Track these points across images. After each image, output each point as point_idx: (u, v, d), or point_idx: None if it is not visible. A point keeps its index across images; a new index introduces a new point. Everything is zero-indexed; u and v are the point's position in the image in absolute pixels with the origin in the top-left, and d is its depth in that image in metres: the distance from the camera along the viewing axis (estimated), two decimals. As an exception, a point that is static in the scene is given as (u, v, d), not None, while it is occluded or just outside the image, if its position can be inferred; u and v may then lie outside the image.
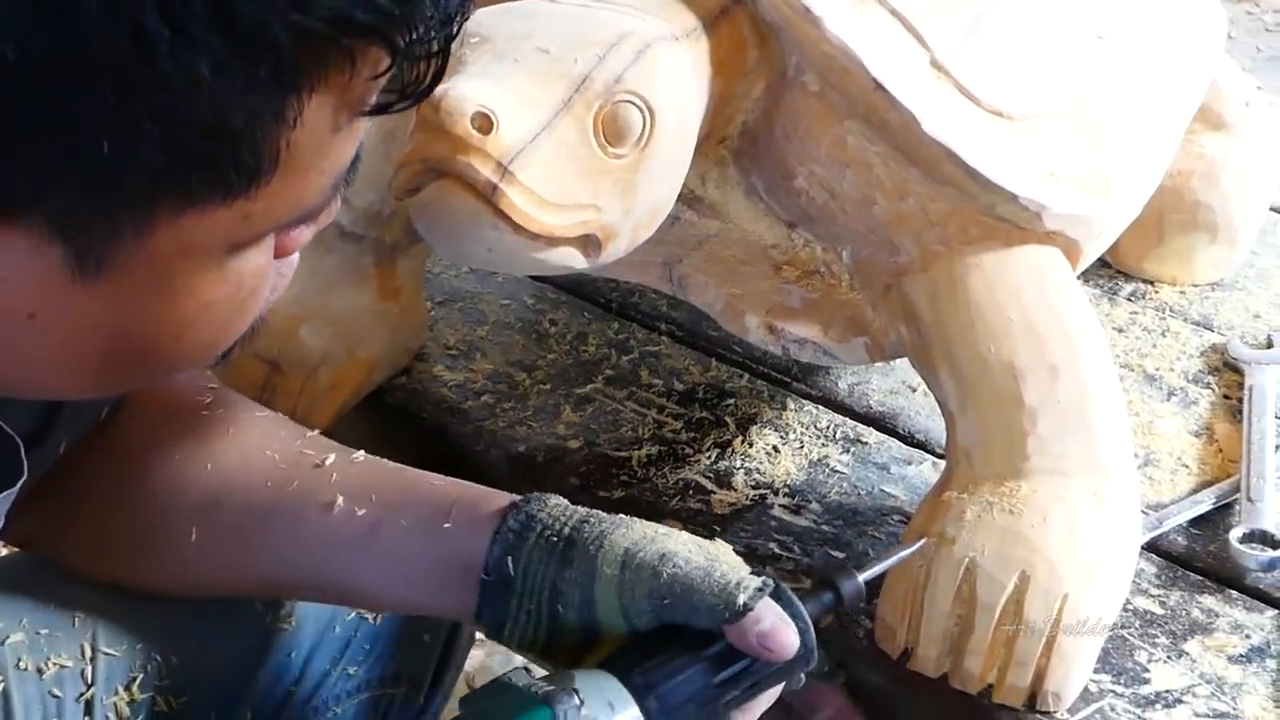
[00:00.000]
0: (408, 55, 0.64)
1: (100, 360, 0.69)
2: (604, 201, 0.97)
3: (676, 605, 0.83)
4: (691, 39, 1.02)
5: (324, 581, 0.95)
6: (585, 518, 0.88)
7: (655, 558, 0.84)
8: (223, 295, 0.69)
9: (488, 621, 0.89)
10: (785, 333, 1.14)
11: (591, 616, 0.86)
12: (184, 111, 0.58)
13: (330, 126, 0.65)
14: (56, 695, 0.98)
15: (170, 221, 0.63)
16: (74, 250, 0.62)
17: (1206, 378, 1.37)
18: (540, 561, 0.87)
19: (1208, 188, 1.46)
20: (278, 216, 0.67)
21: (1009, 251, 1.07)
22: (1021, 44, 1.10)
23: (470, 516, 0.90)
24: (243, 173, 0.62)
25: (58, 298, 0.64)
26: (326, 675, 1.08)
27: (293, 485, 0.93)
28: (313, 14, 0.59)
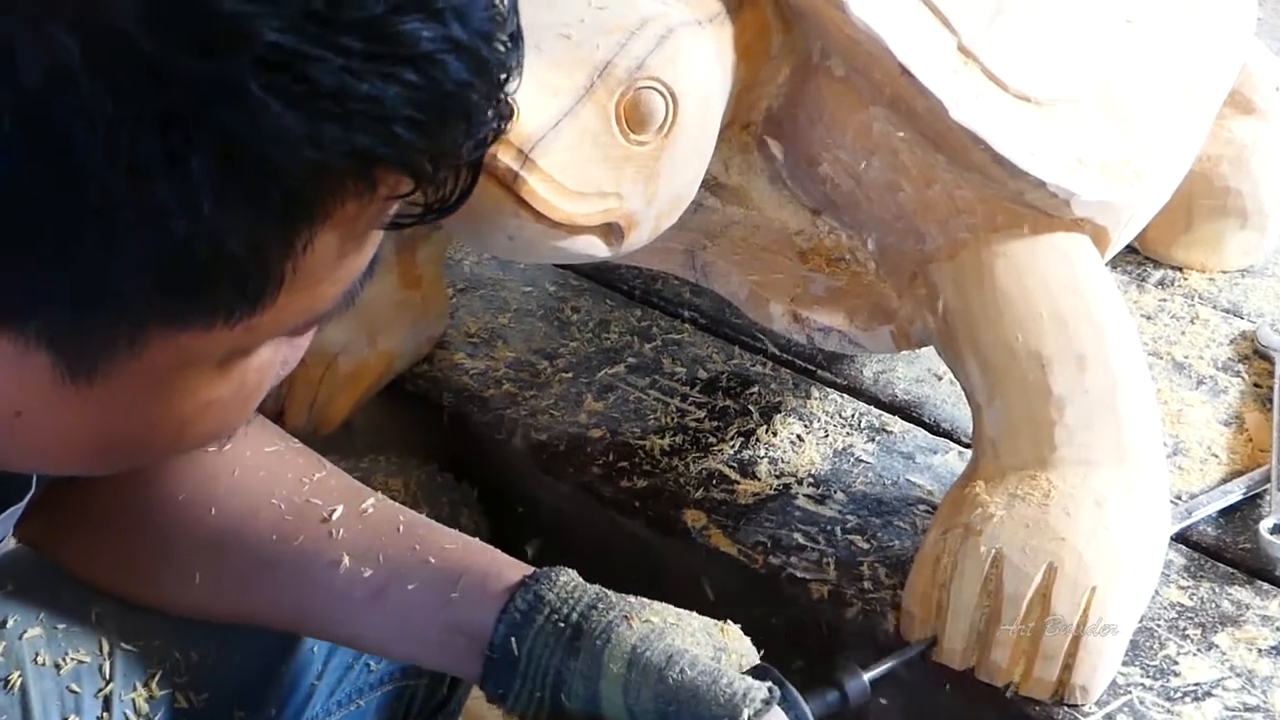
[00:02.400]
0: (433, 180, 0.62)
1: (94, 451, 0.68)
2: (626, 189, 0.96)
3: (682, 713, 0.83)
4: (715, 24, 1.01)
5: (331, 633, 0.95)
6: (594, 602, 0.87)
7: (662, 659, 0.84)
8: (225, 394, 0.67)
9: (491, 693, 0.88)
10: (810, 321, 1.13)
11: (597, 709, 0.85)
12: (181, 241, 0.56)
13: (342, 249, 0.62)
14: (75, 691, 0.97)
15: (167, 339, 0.61)
16: (64, 358, 0.60)
17: (1236, 365, 1.36)
18: (546, 646, 0.86)
19: (1237, 173, 1.44)
20: (285, 325, 0.65)
21: (1036, 239, 1.06)
22: (1049, 28, 1.09)
23: (478, 590, 0.89)
24: (244, 299, 0.60)
25: (46, 398, 0.62)
26: (349, 669, 1.08)
27: (298, 540, 0.92)
28: (328, 149, 0.56)
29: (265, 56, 0.53)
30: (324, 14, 0.54)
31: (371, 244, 0.64)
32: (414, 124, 0.57)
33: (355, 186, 0.58)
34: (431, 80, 0.57)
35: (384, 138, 0.57)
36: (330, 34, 0.54)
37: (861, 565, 1.10)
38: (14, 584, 0.95)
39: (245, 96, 0.53)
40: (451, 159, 0.61)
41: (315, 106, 0.55)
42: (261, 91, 0.53)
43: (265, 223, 0.57)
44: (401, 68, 0.56)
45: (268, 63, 0.53)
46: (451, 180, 0.63)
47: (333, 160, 0.56)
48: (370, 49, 0.55)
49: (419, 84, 0.57)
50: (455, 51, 0.58)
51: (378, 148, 0.57)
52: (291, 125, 0.54)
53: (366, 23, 0.55)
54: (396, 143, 0.57)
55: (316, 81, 0.54)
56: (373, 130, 0.56)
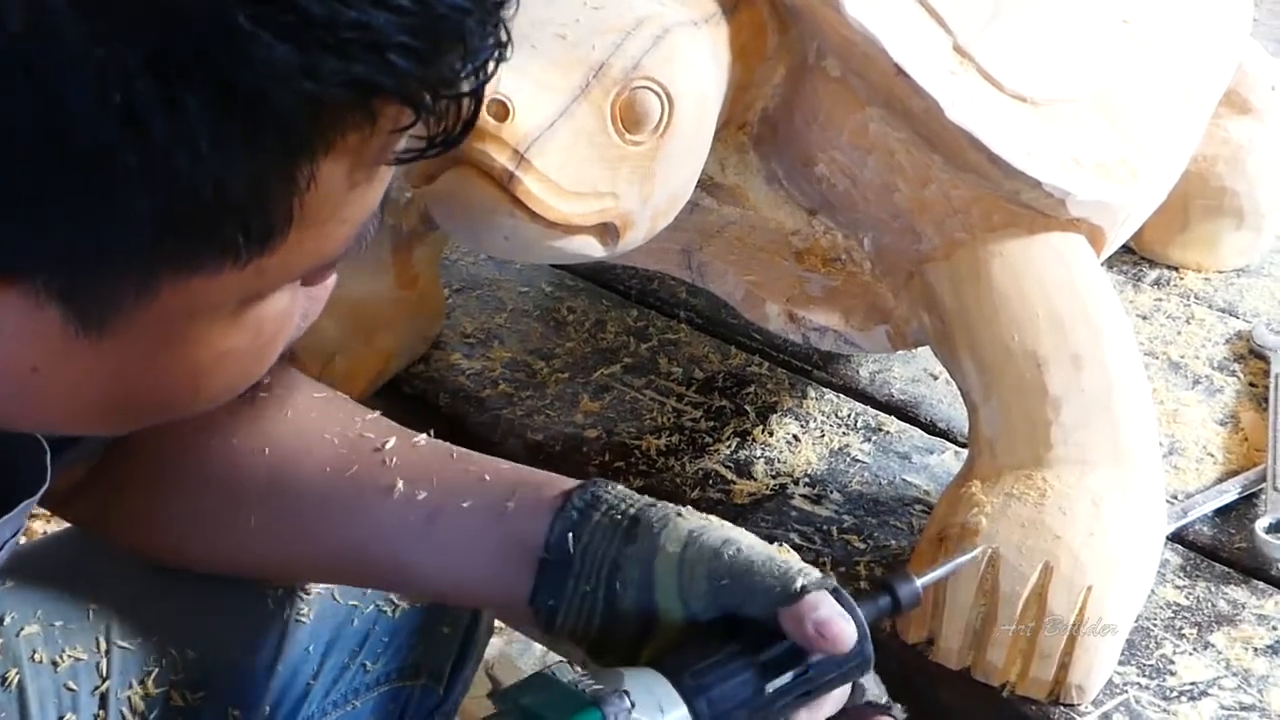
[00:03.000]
0: (433, 110, 0.61)
1: (110, 407, 0.67)
2: (622, 189, 0.96)
3: (734, 587, 0.81)
4: (711, 24, 1.01)
5: (380, 566, 0.94)
6: (651, 502, 0.87)
7: (718, 540, 0.83)
8: (240, 343, 0.66)
9: (542, 605, 0.87)
10: (806, 320, 1.13)
11: (649, 598, 0.84)
12: (182, 184, 0.55)
13: (348, 182, 0.61)
14: (71, 688, 0.97)
15: (176, 285, 0.60)
16: (75, 311, 0.59)
17: (1231, 365, 1.36)
18: (603, 539, 0.85)
19: (1233, 173, 1.45)
20: (296, 268, 0.64)
21: (1032, 239, 1.06)
22: (1045, 28, 1.09)
23: (534, 498, 0.88)
24: (251, 239, 0.59)
25: (60, 353, 0.61)
26: (345, 669, 1.08)
27: (352, 470, 0.91)
28: (325, 80, 0.55)
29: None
30: None
31: (379, 181, 0.63)
32: (409, 50, 0.56)
33: (355, 118, 0.58)
34: (424, 5, 0.56)
35: (379, 66, 0.56)
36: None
37: (858, 565, 1.10)
38: (12, 581, 0.95)
39: (235, 30, 0.52)
40: (450, 88, 0.60)
41: (307, 36, 0.54)
42: (251, 24, 0.52)
43: (266, 159, 0.56)
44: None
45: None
46: (453, 111, 0.62)
47: (329, 91, 0.56)
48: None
49: (411, 9, 0.56)
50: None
51: (374, 76, 0.56)
52: (285, 57, 0.53)
53: None
54: (392, 71, 0.56)
55: (306, 10, 0.53)
56: (367, 59, 0.55)
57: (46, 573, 1.00)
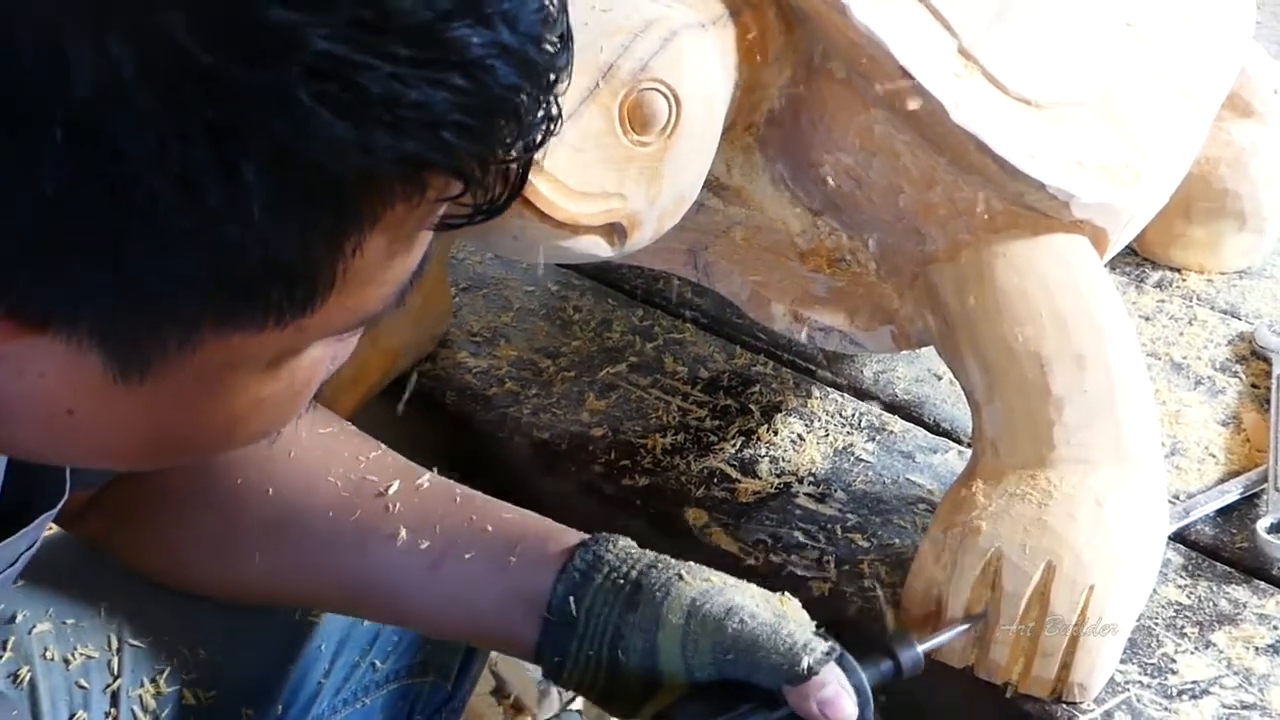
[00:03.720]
0: (481, 182, 0.61)
1: (143, 448, 0.68)
2: (629, 190, 0.96)
3: (740, 661, 0.82)
4: (718, 26, 1.02)
5: (384, 609, 0.95)
6: (653, 562, 0.87)
7: (722, 610, 0.83)
8: (275, 391, 0.67)
9: (548, 660, 0.88)
10: (811, 321, 1.13)
11: (653, 664, 0.85)
12: (231, 248, 0.56)
13: (392, 249, 0.62)
14: (83, 686, 0.98)
15: (218, 340, 0.60)
16: (114, 358, 0.60)
17: (1234, 366, 1.36)
18: (605, 604, 0.86)
19: (1236, 175, 1.45)
20: (335, 326, 0.65)
21: (1036, 240, 1.07)
22: (1049, 31, 1.10)
23: (537, 553, 0.89)
24: (294, 302, 0.60)
25: (97, 397, 0.62)
26: (355, 667, 1.08)
27: (355, 515, 0.92)
28: (379, 156, 0.56)
29: (314, 65, 0.53)
30: (373, 21, 0.54)
31: (421, 244, 0.64)
32: (463, 129, 0.57)
33: (404, 190, 0.58)
34: (480, 85, 0.57)
35: (433, 143, 0.57)
36: (380, 41, 0.54)
37: (862, 563, 1.11)
38: (24, 580, 0.96)
39: (295, 105, 0.53)
40: (500, 160, 0.61)
41: (365, 114, 0.54)
42: (311, 100, 0.53)
43: (316, 228, 0.57)
44: (450, 73, 0.56)
45: (317, 71, 0.53)
46: (500, 181, 0.62)
47: (382, 166, 0.56)
48: (419, 55, 0.55)
49: (468, 89, 0.56)
50: (504, 56, 0.57)
51: (427, 153, 0.57)
52: (341, 133, 0.54)
53: (416, 29, 0.55)
54: (446, 147, 0.57)
55: (366, 89, 0.54)
56: (422, 136, 0.56)
57: (58, 571, 1.00)
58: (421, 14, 0.55)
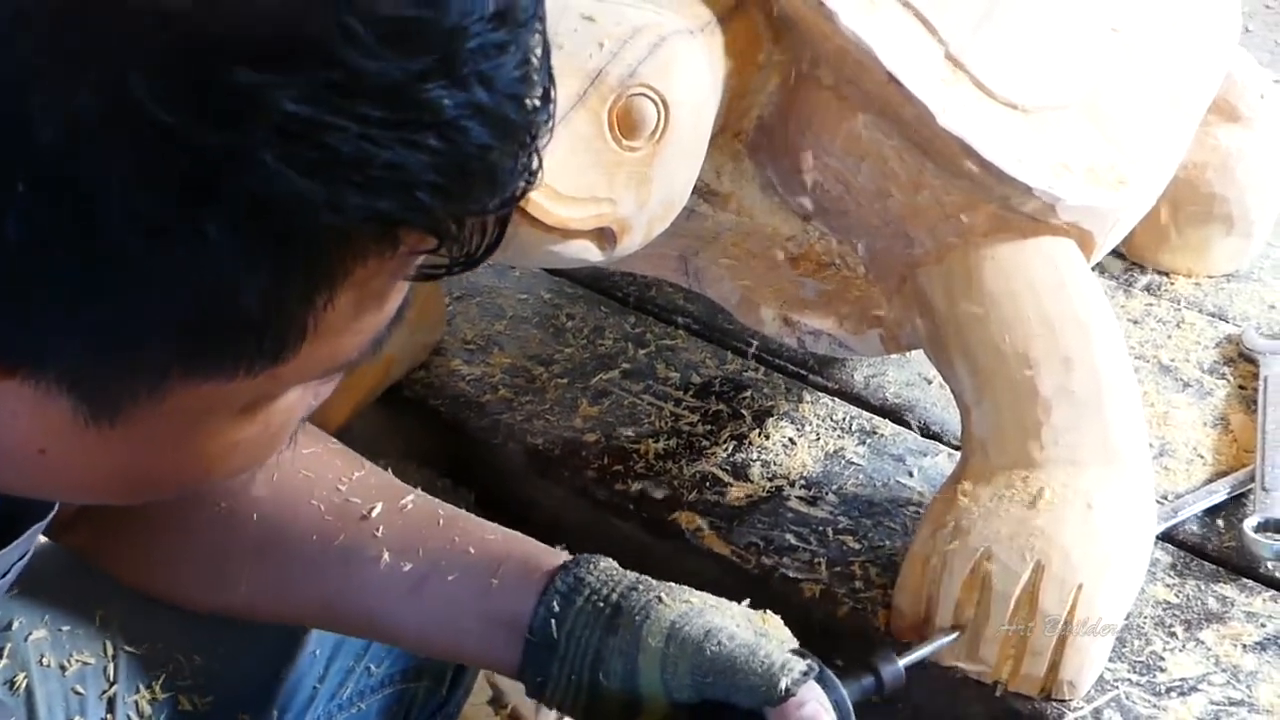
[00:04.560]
0: (457, 238, 0.59)
1: (119, 486, 0.67)
2: (619, 194, 0.97)
3: (719, 683, 0.83)
4: (706, 33, 1.02)
5: (371, 630, 0.95)
6: (634, 584, 0.88)
7: (700, 633, 0.84)
8: (250, 435, 0.66)
9: (530, 681, 0.88)
10: (801, 325, 1.14)
11: (634, 686, 0.85)
12: (199, 300, 0.55)
13: (365, 302, 0.60)
14: (79, 692, 0.98)
15: (189, 388, 0.59)
16: (84, 402, 0.59)
17: (1222, 368, 1.37)
18: (585, 627, 0.86)
19: (1223, 180, 1.46)
20: (309, 374, 0.64)
21: (1023, 243, 1.08)
22: (1035, 36, 1.11)
23: (518, 575, 0.89)
24: (264, 353, 0.59)
25: (69, 439, 0.61)
26: (350, 672, 1.08)
27: (338, 539, 0.92)
28: (350, 214, 0.54)
29: (282, 126, 0.52)
30: (343, 83, 0.52)
31: (396, 295, 0.63)
32: (437, 188, 0.55)
33: (378, 247, 0.57)
34: (454, 145, 0.55)
35: (407, 202, 0.55)
36: (350, 103, 0.52)
37: (853, 565, 1.12)
38: (19, 588, 0.96)
39: (261, 165, 0.52)
40: (477, 216, 0.60)
41: (334, 174, 0.53)
42: (277, 161, 0.52)
43: (285, 284, 0.56)
44: (424, 134, 0.54)
45: (285, 132, 0.52)
46: (478, 233, 0.61)
47: (354, 225, 0.55)
48: (391, 116, 0.53)
49: (441, 150, 0.55)
50: (479, 116, 0.56)
51: (401, 212, 0.55)
52: (310, 192, 0.53)
53: (387, 90, 0.53)
54: (420, 207, 0.56)
55: (335, 150, 0.53)
56: (395, 195, 0.55)
57: (53, 579, 1.00)
58: (393, 75, 0.53)
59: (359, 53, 0.52)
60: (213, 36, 0.51)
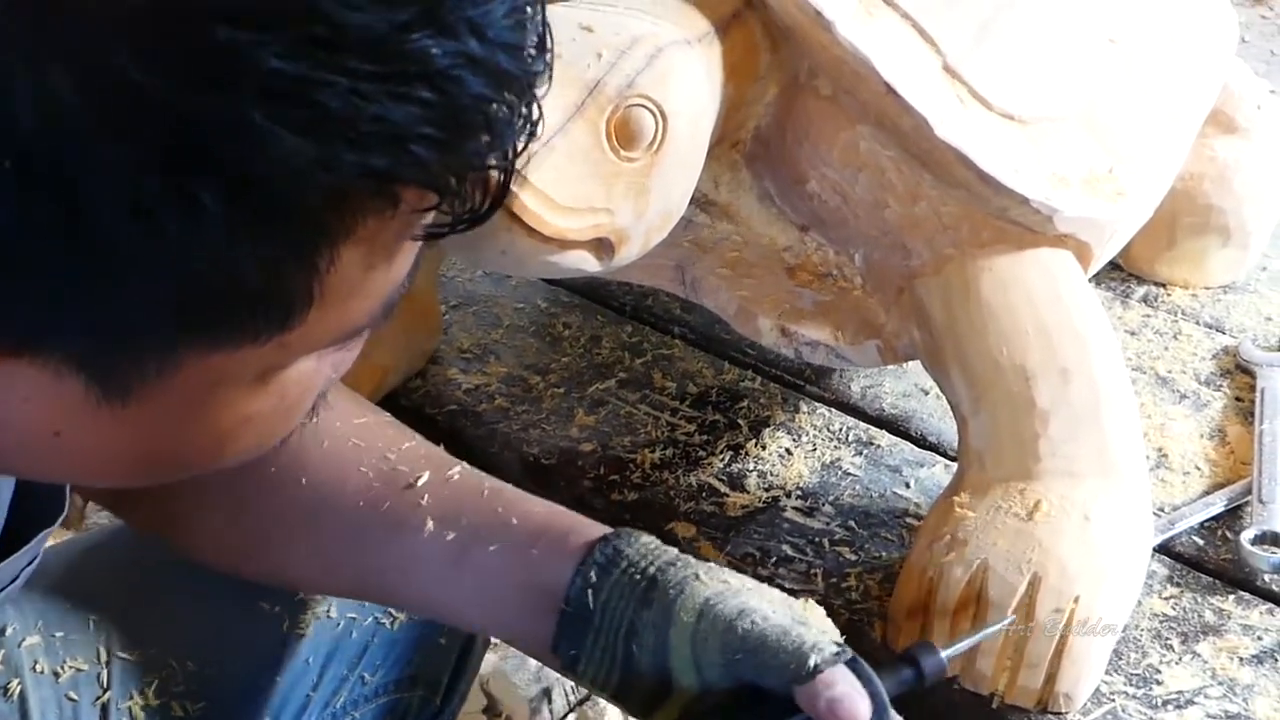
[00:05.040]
0: (458, 192, 0.59)
1: (135, 466, 0.67)
2: (616, 205, 0.97)
3: (747, 661, 0.81)
4: (704, 43, 1.02)
5: (411, 598, 0.95)
6: (673, 560, 0.87)
7: (734, 611, 0.83)
8: (265, 407, 0.66)
9: (564, 655, 0.88)
10: (798, 335, 1.14)
11: (664, 662, 0.84)
12: (196, 273, 0.54)
13: (370, 262, 0.60)
14: (73, 698, 0.98)
15: (197, 360, 0.59)
16: (95, 382, 0.59)
17: (1218, 380, 1.37)
18: (621, 598, 0.86)
19: (1220, 191, 1.46)
20: (320, 341, 0.64)
21: (1021, 254, 1.08)
22: (1033, 47, 1.11)
23: (558, 546, 0.89)
24: (271, 320, 0.58)
25: (82, 419, 0.61)
26: (344, 680, 1.09)
27: (385, 506, 0.92)
28: (343, 173, 0.54)
29: (268, 85, 0.51)
30: (328, 37, 0.52)
31: (404, 256, 0.62)
32: (431, 141, 0.55)
33: (376, 204, 0.57)
34: (447, 96, 0.55)
35: (401, 157, 0.55)
36: (335, 57, 0.52)
37: (849, 576, 1.11)
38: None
39: (251, 127, 0.51)
40: (476, 170, 0.59)
41: (325, 131, 0.53)
42: (267, 120, 0.51)
43: (283, 249, 0.55)
44: (414, 86, 0.54)
45: (271, 91, 0.51)
46: (480, 190, 0.61)
47: (348, 182, 0.54)
48: (379, 70, 0.53)
49: (434, 101, 0.54)
50: (471, 66, 0.55)
51: (395, 167, 0.55)
52: (301, 151, 0.52)
53: (373, 43, 0.53)
54: (415, 161, 0.55)
55: (324, 106, 0.52)
56: (388, 150, 0.54)
57: (47, 584, 1.01)
58: (378, 27, 0.53)
59: (342, 5, 0.52)
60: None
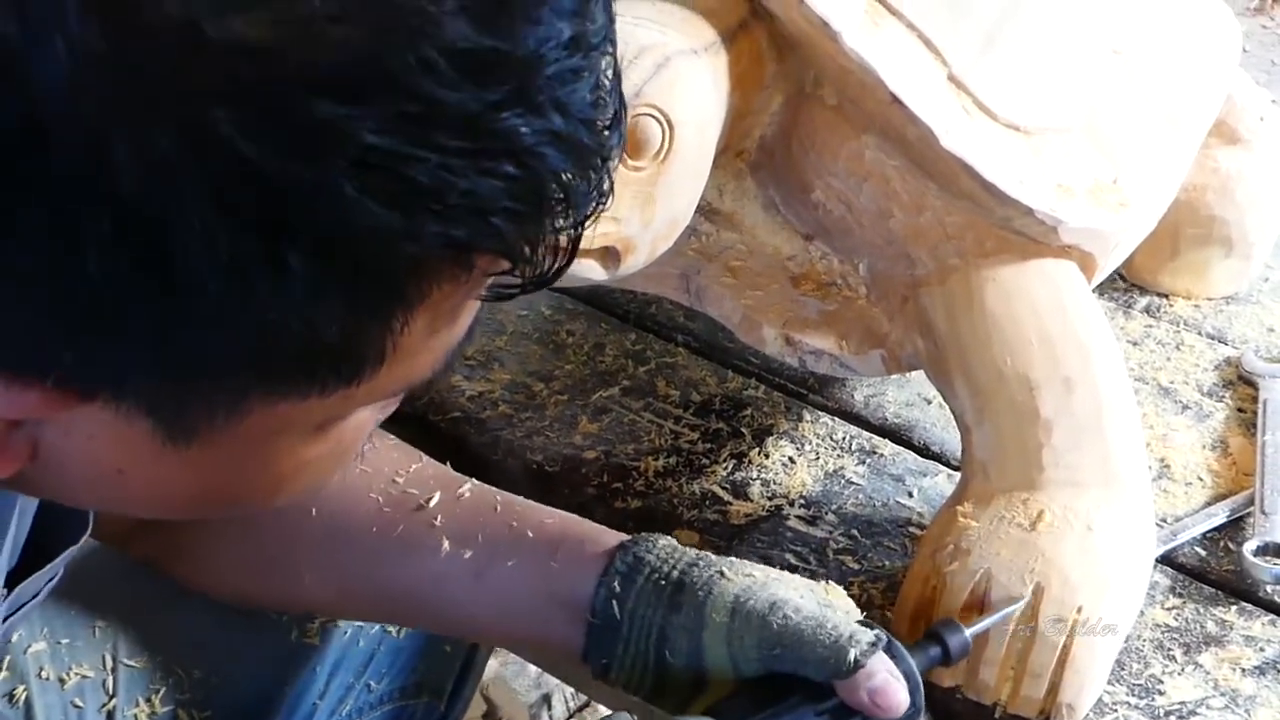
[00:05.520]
0: (530, 260, 0.60)
1: (192, 503, 0.68)
2: (623, 214, 0.98)
3: (786, 656, 0.83)
4: (710, 53, 1.03)
5: (432, 617, 0.96)
6: (695, 560, 0.88)
7: (765, 606, 0.84)
8: (322, 453, 0.67)
9: (594, 664, 0.88)
10: (802, 344, 1.15)
11: (699, 663, 0.85)
12: (278, 330, 0.55)
13: (437, 324, 0.61)
14: (78, 705, 0.99)
15: (265, 409, 0.60)
16: (162, 425, 0.60)
17: (1221, 391, 1.37)
18: (648, 605, 0.87)
19: (1222, 202, 1.46)
20: (384, 393, 0.64)
21: (1025, 264, 1.08)
22: (1038, 58, 1.11)
23: (577, 556, 0.90)
24: (341, 376, 0.59)
25: (146, 458, 0.62)
26: (350, 688, 1.09)
27: (398, 530, 0.93)
28: (426, 243, 0.55)
29: (361, 158, 0.52)
30: (422, 114, 0.53)
31: (468, 313, 0.63)
32: (512, 214, 0.56)
33: (452, 271, 0.58)
34: (531, 172, 0.56)
35: (483, 229, 0.56)
36: (428, 133, 0.53)
37: (852, 585, 1.12)
38: (18, 600, 0.97)
39: (341, 198, 0.52)
40: (550, 239, 0.60)
41: (413, 203, 0.54)
42: (357, 192, 0.52)
43: (363, 311, 0.57)
44: (500, 162, 0.55)
45: (364, 164, 0.52)
46: (550, 255, 0.61)
47: (430, 252, 0.56)
48: (469, 146, 0.54)
49: (518, 176, 0.55)
50: (555, 143, 0.56)
51: (476, 239, 0.56)
52: (389, 222, 0.53)
53: (465, 120, 0.54)
54: (495, 233, 0.56)
55: (414, 180, 0.53)
56: (471, 223, 0.55)
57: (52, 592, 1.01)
58: (471, 105, 0.53)
59: (437, 84, 0.53)
60: (293, 69, 0.51)
